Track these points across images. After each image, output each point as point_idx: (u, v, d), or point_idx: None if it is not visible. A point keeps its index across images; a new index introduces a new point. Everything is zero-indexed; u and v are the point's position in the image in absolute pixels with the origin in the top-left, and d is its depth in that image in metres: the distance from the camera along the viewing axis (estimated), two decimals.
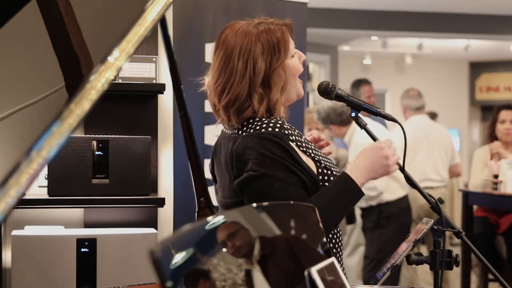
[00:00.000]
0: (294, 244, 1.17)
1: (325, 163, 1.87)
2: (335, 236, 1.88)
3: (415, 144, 5.03)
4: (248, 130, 1.81)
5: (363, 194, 1.80)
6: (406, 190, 4.56)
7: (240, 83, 1.80)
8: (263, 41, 1.82)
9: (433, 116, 8.91)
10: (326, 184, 1.82)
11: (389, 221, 4.39)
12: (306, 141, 1.88)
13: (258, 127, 1.80)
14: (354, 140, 4.38)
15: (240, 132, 1.83)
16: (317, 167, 1.83)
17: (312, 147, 1.88)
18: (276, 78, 1.83)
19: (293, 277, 1.12)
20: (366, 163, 1.81)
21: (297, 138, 1.83)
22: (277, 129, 1.78)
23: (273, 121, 1.81)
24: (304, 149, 1.83)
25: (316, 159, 1.84)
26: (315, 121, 4.69)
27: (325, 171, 1.83)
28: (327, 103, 4.45)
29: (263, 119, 1.82)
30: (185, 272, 0.96)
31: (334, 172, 1.85)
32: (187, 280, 0.96)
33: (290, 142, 1.78)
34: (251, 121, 1.83)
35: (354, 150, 4.31)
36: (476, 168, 5.00)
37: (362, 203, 4.45)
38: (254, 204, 1.15)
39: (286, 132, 1.79)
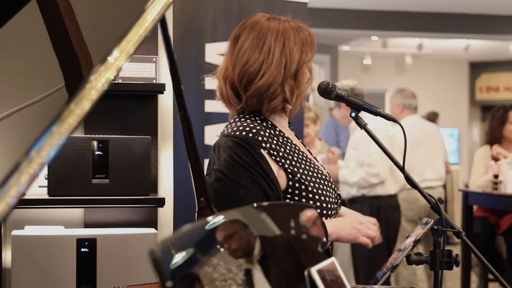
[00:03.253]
0: (294, 244, 1.17)
1: (303, 175, 1.80)
2: None
3: (413, 144, 5.03)
4: (229, 127, 1.82)
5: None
6: (397, 189, 4.54)
7: (277, 67, 1.78)
8: (295, 33, 1.83)
9: (434, 116, 8.93)
10: (296, 198, 1.77)
11: (378, 217, 4.34)
12: (285, 151, 1.82)
13: (235, 128, 1.79)
14: (358, 131, 4.35)
15: (224, 129, 1.85)
16: (288, 179, 1.78)
17: (291, 158, 1.82)
18: (304, 73, 1.84)
19: (293, 277, 1.12)
20: (342, 220, 1.85)
21: (272, 146, 1.78)
22: (250, 134, 1.77)
23: (251, 125, 1.79)
24: (278, 158, 1.78)
25: (290, 170, 1.78)
26: (306, 116, 4.71)
27: (297, 185, 1.78)
28: (347, 83, 4.49)
29: (246, 119, 1.82)
30: (185, 272, 0.96)
31: (310, 188, 1.79)
32: (187, 280, 0.96)
33: (262, 150, 1.76)
34: (236, 119, 1.83)
35: (360, 140, 4.28)
36: (477, 167, 5.01)
37: (353, 191, 4.40)
38: (255, 204, 1.15)
39: (260, 138, 1.77)
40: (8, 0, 1.78)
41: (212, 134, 3.15)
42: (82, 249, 2.47)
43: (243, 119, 1.82)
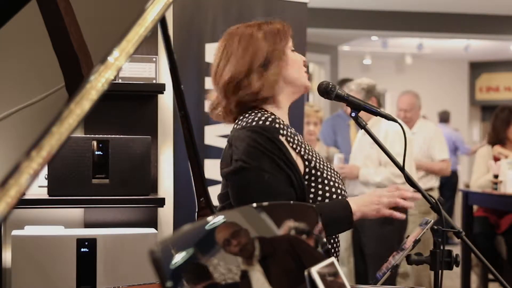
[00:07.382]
0: (294, 244, 1.17)
1: (317, 164, 1.86)
2: (331, 240, 1.88)
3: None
4: (241, 123, 1.85)
5: (352, 227, 1.85)
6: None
7: (240, 61, 1.85)
8: (265, 29, 1.89)
9: (446, 115, 9.09)
10: (313, 184, 1.82)
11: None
12: (299, 140, 1.88)
13: (250, 120, 1.83)
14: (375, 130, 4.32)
15: (235, 126, 1.88)
16: (305, 166, 1.83)
17: (304, 147, 1.87)
18: (276, 61, 1.86)
19: (293, 277, 1.12)
20: (362, 198, 1.87)
21: (288, 133, 1.84)
22: (267, 123, 1.81)
23: (265, 115, 1.83)
24: (294, 145, 1.83)
25: (306, 157, 1.84)
26: (314, 114, 4.68)
27: (313, 171, 1.83)
28: (367, 81, 4.51)
29: (256, 112, 1.85)
30: (185, 272, 0.96)
31: (324, 175, 1.84)
32: (187, 280, 0.96)
33: (280, 136, 1.80)
34: (246, 115, 1.86)
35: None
36: (478, 166, 5.00)
37: (369, 191, 4.35)
38: (254, 204, 1.15)
39: (277, 126, 1.81)
40: (8, 0, 1.78)
41: (212, 134, 3.15)
42: (82, 249, 2.47)
43: (253, 114, 1.85)
